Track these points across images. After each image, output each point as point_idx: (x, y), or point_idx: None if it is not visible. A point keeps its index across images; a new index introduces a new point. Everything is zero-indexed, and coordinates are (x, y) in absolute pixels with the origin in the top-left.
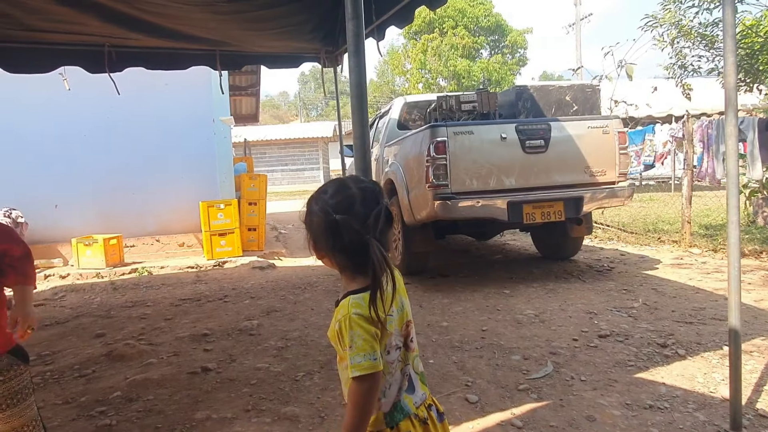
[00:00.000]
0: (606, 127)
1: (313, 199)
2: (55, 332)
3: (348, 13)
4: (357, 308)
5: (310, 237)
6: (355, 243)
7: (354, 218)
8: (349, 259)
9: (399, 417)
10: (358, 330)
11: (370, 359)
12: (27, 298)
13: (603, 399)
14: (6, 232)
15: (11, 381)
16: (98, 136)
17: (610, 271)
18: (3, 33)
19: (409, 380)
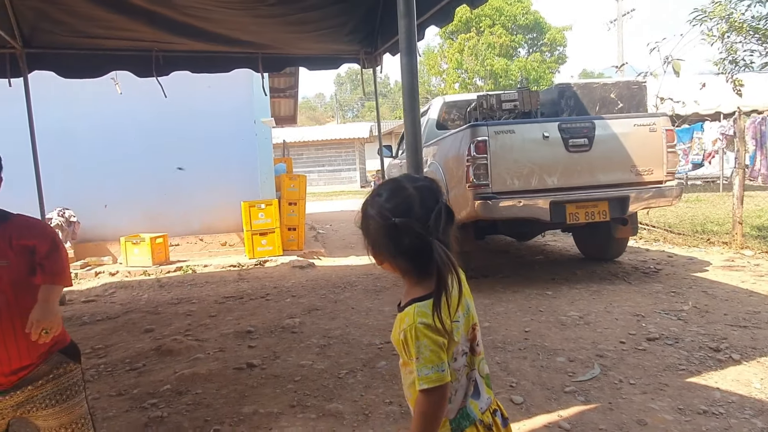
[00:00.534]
0: (653, 124)
1: (369, 203)
2: (107, 327)
3: (400, 10)
4: (423, 317)
5: (369, 242)
6: (417, 246)
7: (414, 220)
8: (411, 263)
9: (465, 424)
10: (425, 341)
11: (438, 371)
12: (49, 298)
13: (654, 403)
14: (33, 226)
15: (61, 378)
16: (145, 138)
17: (657, 273)
18: (60, 40)
19: (475, 385)
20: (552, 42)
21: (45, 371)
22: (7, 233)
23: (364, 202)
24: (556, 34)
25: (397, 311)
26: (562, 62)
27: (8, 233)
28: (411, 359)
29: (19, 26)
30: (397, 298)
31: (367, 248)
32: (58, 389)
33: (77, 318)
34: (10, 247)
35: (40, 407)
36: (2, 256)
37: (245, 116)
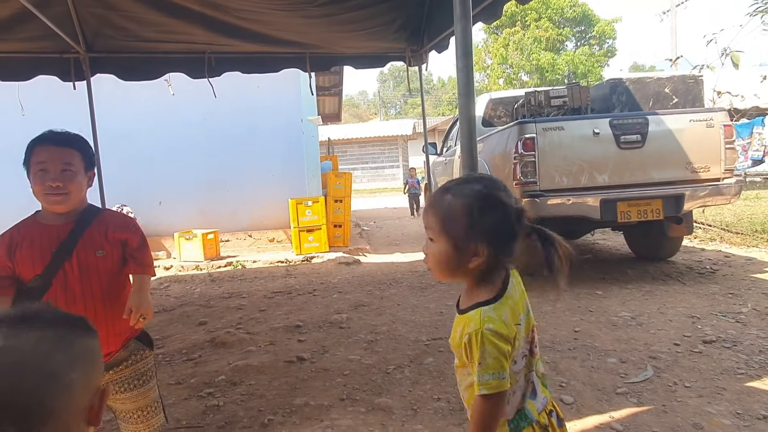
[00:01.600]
0: (710, 120)
1: (476, 196)
2: (164, 319)
3: (457, 13)
4: (490, 323)
5: (474, 240)
6: (520, 232)
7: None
8: (511, 251)
9: (523, 425)
10: (489, 347)
11: (499, 378)
12: (144, 287)
13: (710, 407)
14: (126, 222)
15: (137, 364)
16: (197, 137)
17: (713, 274)
18: (120, 44)
19: (533, 386)
20: (601, 35)
21: (124, 357)
22: (103, 227)
23: (462, 200)
24: (605, 26)
25: (457, 312)
26: (611, 55)
27: (104, 227)
28: (472, 363)
29: (83, 32)
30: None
31: (456, 248)
32: (135, 374)
33: None
34: (106, 240)
35: (119, 391)
36: (99, 247)
37: (293, 115)
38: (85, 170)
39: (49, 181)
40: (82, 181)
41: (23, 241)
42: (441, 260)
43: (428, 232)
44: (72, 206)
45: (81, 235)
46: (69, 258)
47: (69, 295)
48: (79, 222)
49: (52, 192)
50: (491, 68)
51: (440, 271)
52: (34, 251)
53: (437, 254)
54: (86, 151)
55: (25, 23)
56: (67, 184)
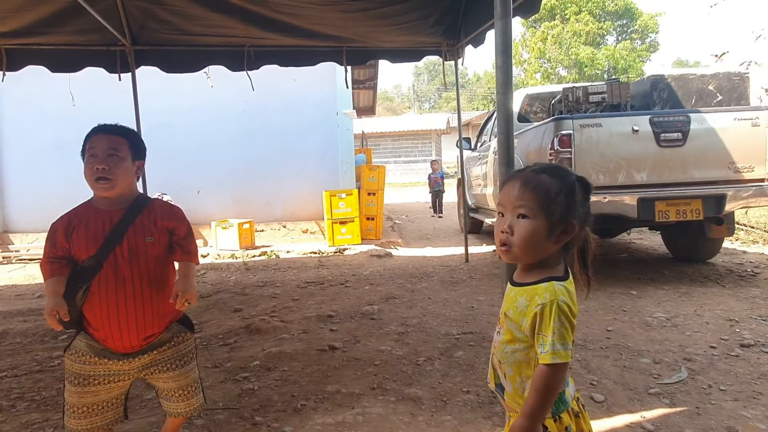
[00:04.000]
0: (756, 119)
1: (576, 180)
2: (201, 305)
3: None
4: (564, 296)
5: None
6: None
7: None
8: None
9: (562, 408)
10: (564, 319)
11: (568, 349)
12: (189, 274)
13: (746, 411)
14: (174, 211)
15: (179, 345)
16: (235, 129)
17: (754, 277)
18: (163, 37)
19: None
20: (643, 29)
21: (167, 338)
22: (152, 215)
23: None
24: (648, 20)
25: (511, 285)
26: (653, 50)
27: (153, 215)
28: (540, 334)
29: (129, 25)
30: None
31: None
32: (177, 355)
33: None
34: (155, 227)
35: (162, 370)
36: (149, 233)
37: (328, 108)
38: (133, 158)
39: (97, 164)
40: (129, 167)
41: (80, 224)
42: (532, 237)
43: (521, 209)
44: (119, 192)
45: (132, 222)
46: (120, 242)
47: (119, 277)
48: (130, 209)
49: (99, 175)
50: (528, 62)
51: (527, 248)
52: (89, 234)
53: (530, 230)
54: (134, 141)
55: (74, 17)
56: (113, 168)
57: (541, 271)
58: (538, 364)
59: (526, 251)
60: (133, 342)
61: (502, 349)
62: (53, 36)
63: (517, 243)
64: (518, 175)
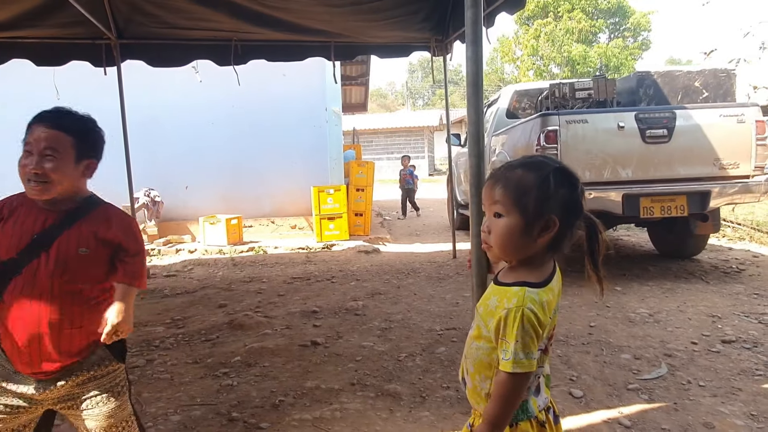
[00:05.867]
0: (741, 115)
1: (556, 172)
2: (185, 300)
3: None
4: (533, 304)
5: (549, 213)
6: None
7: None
8: (569, 238)
9: (521, 417)
10: (528, 327)
11: (531, 358)
12: (127, 299)
13: (724, 407)
14: (125, 224)
15: (102, 378)
16: (223, 124)
17: (739, 274)
18: (149, 31)
19: (538, 382)
20: (636, 27)
21: (87, 366)
22: (96, 223)
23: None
24: (641, 18)
25: (494, 283)
26: (646, 48)
27: (97, 223)
28: (503, 339)
29: (114, 19)
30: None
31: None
32: (101, 389)
33: (159, 291)
34: (95, 238)
35: (82, 407)
36: (85, 244)
37: (317, 104)
38: (77, 158)
39: (30, 165)
40: (71, 169)
41: (11, 216)
42: (509, 235)
43: (495, 207)
44: (56, 195)
45: (69, 227)
46: (47, 248)
47: (36, 288)
48: (71, 212)
49: (30, 178)
50: (521, 60)
51: (505, 247)
52: (15, 230)
53: (506, 228)
54: (84, 138)
55: (59, 10)
56: (48, 172)
57: (521, 273)
58: (499, 371)
59: (505, 250)
60: (44, 367)
61: (469, 343)
62: (37, 29)
63: (494, 242)
64: (494, 173)
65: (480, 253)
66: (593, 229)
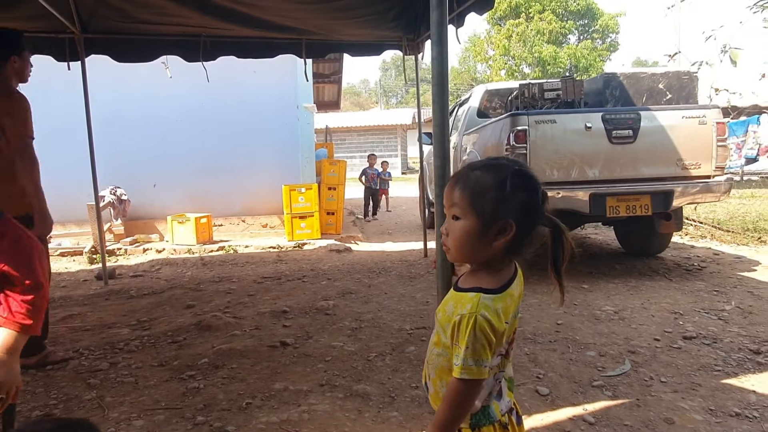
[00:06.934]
0: (703, 117)
1: (515, 172)
2: (152, 301)
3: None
4: (486, 311)
5: (505, 217)
6: (541, 221)
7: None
8: (529, 239)
9: (484, 422)
10: (480, 334)
11: (482, 365)
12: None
13: (684, 402)
14: (24, 250)
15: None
16: (192, 121)
17: (700, 271)
18: (115, 25)
19: (500, 386)
20: (604, 29)
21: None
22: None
23: (496, 175)
24: (609, 20)
25: (453, 288)
26: (613, 50)
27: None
28: (456, 345)
29: (78, 12)
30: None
31: (484, 224)
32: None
33: (125, 292)
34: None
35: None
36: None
37: (288, 101)
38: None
39: None
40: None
41: None
42: (466, 238)
43: (453, 209)
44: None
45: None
46: None
47: None
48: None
49: None
50: (493, 59)
51: (462, 250)
52: None
53: (462, 231)
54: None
55: (20, 2)
56: None
57: (479, 278)
58: (452, 376)
59: (462, 253)
60: None
61: (430, 349)
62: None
63: (452, 245)
64: (455, 174)
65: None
66: (558, 233)
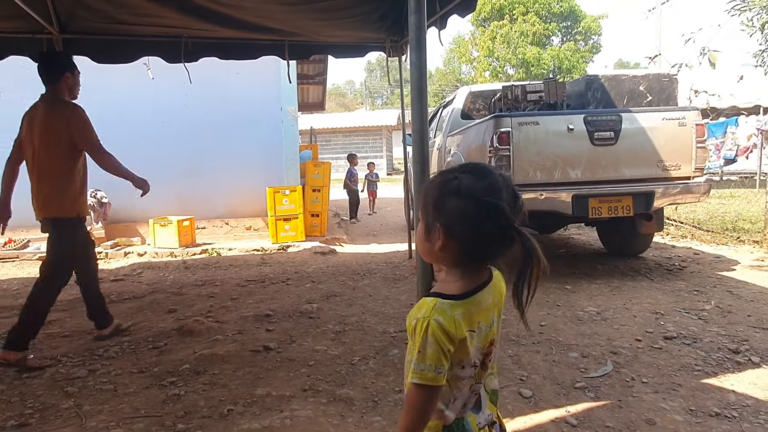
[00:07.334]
0: (683, 119)
1: (450, 180)
2: (133, 306)
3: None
4: (441, 316)
5: (434, 221)
6: (497, 232)
7: (504, 204)
8: (483, 249)
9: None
10: (432, 339)
11: (435, 372)
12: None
13: (665, 403)
14: None
15: None
16: (174, 123)
17: (681, 271)
18: (95, 26)
19: (478, 399)
20: (587, 30)
21: None
22: None
23: (442, 179)
24: (591, 22)
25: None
26: (596, 52)
27: None
28: (412, 348)
29: (57, 12)
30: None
31: (426, 227)
32: None
33: (105, 296)
34: None
35: None
36: None
37: (272, 103)
38: None
39: None
40: None
41: None
42: (419, 240)
43: (419, 212)
44: None
45: None
46: None
47: None
48: None
49: None
50: (478, 60)
51: (421, 253)
52: None
53: (417, 234)
54: None
55: None
56: None
57: (444, 282)
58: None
59: (423, 255)
60: None
61: (406, 355)
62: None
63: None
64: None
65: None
66: (528, 253)
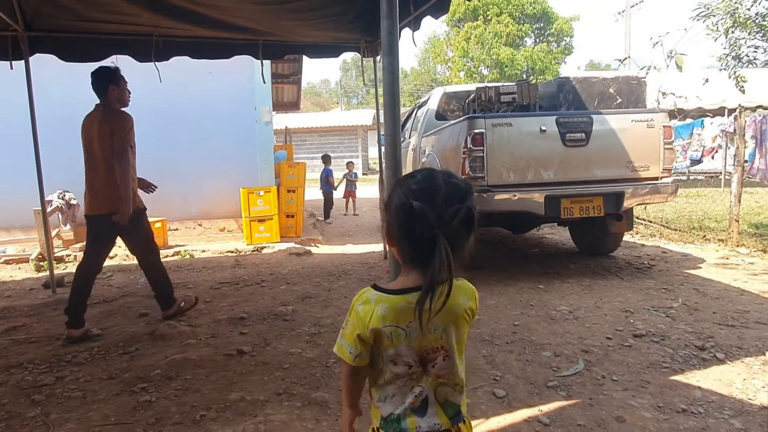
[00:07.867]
0: (651, 120)
1: (399, 183)
2: (103, 310)
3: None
4: (364, 305)
5: (386, 221)
6: (422, 236)
7: (430, 210)
8: (414, 251)
9: (390, 428)
10: (351, 320)
11: (348, 351)
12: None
13: (634, 400)
14: None
15: None
16: (145, 122)
17: (650, 269)
18: (61, 23)
19: (423, 402)
20: (559, 32)
21: None
22: None
23: (396, 181)
24: (564, 24)
25: None
26: (568, 53)
27: None
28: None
29: (22, 9)
30: None
31: (383, 226)
32: None
33: None
34: None
35: None
36: None
37: (246, 103)
38: None
39: None
40: None
41: None
42: (384, 237)
43: None
44: None
45: None
46: None
47: None
48: None
49: None
50: (453, 60)
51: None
52: None
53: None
54: None
55: None
56: None
57: (399, 279)
58: None
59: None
60: None
61: None
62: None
63: None
64: None
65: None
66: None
